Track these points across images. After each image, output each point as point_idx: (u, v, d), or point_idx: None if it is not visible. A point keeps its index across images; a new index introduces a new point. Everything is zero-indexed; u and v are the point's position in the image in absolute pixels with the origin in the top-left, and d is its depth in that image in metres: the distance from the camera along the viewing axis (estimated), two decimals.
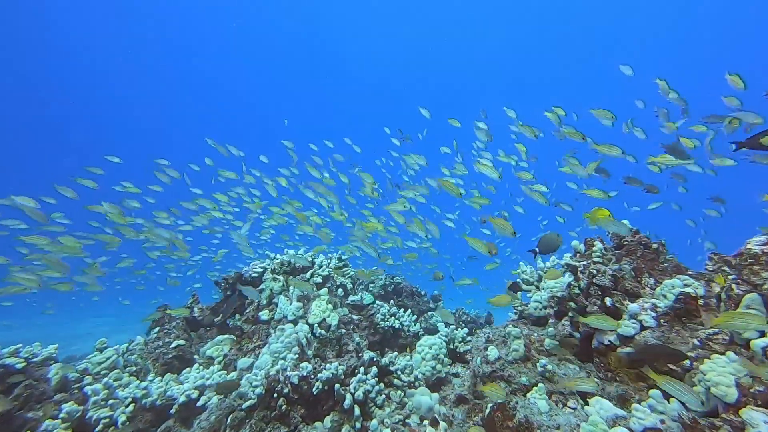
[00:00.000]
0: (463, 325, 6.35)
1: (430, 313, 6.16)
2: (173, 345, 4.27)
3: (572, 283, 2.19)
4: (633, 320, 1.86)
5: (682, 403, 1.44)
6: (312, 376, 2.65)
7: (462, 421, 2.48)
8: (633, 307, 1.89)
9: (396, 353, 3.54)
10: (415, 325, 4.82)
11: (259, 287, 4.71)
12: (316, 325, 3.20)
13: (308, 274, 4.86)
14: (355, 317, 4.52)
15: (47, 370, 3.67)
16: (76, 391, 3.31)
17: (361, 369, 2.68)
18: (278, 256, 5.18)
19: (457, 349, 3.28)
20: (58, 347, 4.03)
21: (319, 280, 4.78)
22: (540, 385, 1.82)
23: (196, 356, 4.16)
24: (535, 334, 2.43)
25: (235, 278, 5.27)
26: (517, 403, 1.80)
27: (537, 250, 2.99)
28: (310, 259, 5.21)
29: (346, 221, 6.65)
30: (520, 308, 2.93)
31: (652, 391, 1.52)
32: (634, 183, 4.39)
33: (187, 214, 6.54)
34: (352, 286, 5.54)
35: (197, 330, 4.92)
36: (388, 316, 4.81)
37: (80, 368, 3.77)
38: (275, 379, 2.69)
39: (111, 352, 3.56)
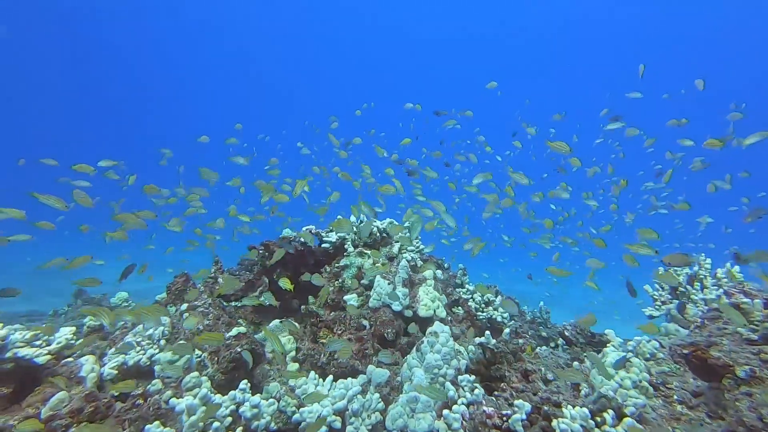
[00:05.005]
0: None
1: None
2: (233, 333, 3.25)
3: None
4: None
5: None
6: (530, 419, 1.95)
7: None
8: None
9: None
10: (505, 313, 4.26)
11: (341, 263, 3.77)
12: (487, 333, 2.46)
13: (396, 249, 3.98)
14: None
15: (77, 366, 2.58)
16: (140, 401, 2.32)
17: (590, 408, 2.02)
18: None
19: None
20: (76, 331, 2.90)
21: (408, 257, 3.94)
22: None
23: (268, 352, 3.24)
24: None
25: (279, 245, 4.21)
26: None
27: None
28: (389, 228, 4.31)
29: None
30: (732, 319, 2.39)
31: None
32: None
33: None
34: (422, 263, 4.78)
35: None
36: (483, 306, 4.19)
37: (118, 363, 2.72)
38: (482, 422, 1.96)
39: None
